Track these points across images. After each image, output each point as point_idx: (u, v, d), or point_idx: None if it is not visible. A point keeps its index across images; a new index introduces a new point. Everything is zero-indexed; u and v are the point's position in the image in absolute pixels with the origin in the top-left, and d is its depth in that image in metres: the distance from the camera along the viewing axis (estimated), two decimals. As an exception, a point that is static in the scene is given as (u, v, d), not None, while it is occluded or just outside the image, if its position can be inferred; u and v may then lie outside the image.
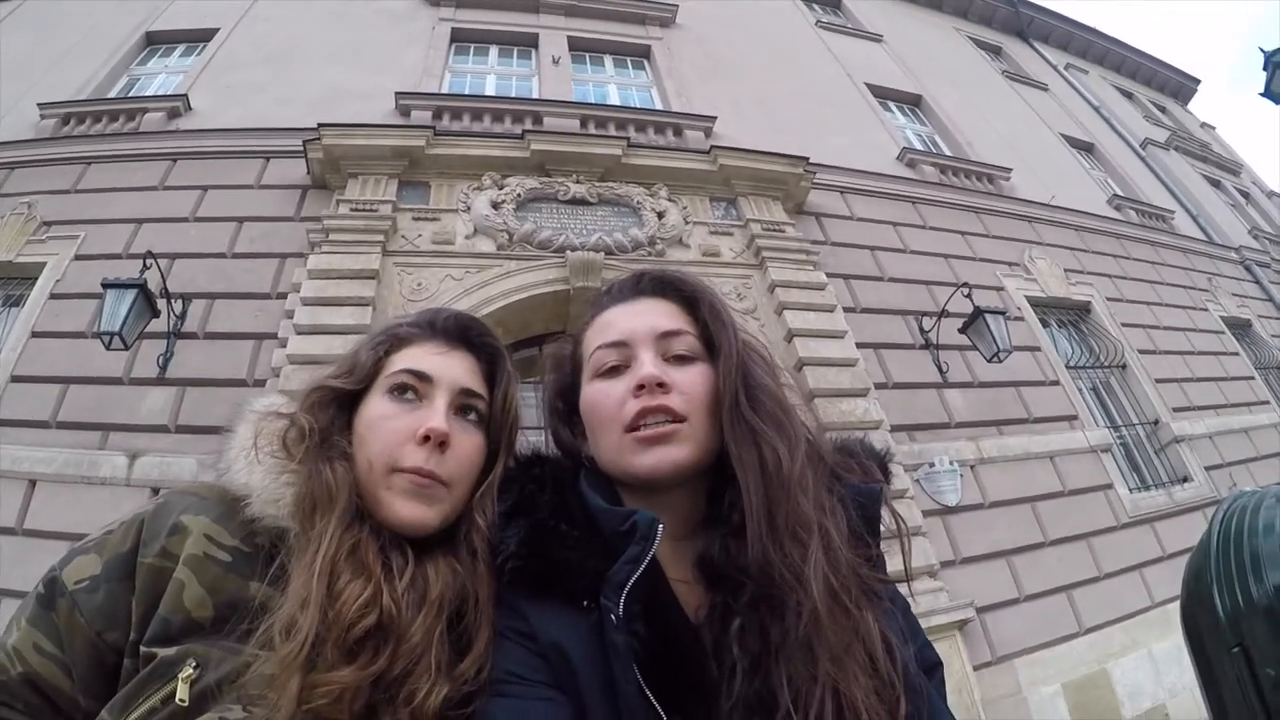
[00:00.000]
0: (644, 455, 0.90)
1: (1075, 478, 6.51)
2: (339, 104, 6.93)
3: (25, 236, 5.92)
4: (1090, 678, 5.41)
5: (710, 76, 9.01)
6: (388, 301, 5.49)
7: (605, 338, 0.99)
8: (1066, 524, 6.13)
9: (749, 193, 7.01)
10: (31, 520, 4.58)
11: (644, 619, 0.81)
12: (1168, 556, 6.39)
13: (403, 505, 0.93)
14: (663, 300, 1.03)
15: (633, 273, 1.10)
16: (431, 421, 0.96)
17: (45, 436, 4.91)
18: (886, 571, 0.96)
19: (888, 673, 0.79)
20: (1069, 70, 15.16)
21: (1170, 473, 7.47)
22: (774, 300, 6.26)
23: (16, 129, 6.88)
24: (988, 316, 6.07)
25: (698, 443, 0.91)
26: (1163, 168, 13.47)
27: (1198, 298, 10.21)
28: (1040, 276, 8.30)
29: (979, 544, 5.66)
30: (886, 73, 11.00)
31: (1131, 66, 17.42)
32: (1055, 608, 5.65)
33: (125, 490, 4.69)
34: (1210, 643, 0.90)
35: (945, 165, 9.16)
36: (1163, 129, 15.44)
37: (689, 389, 0.92)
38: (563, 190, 6.46)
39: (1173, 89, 18.42)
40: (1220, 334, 9.85)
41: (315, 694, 0.76)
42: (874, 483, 1.00)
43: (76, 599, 0.84)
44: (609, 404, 0.94)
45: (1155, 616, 5.91)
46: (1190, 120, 17.84)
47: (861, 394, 5.88)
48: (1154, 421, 7.80)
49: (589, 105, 7.78)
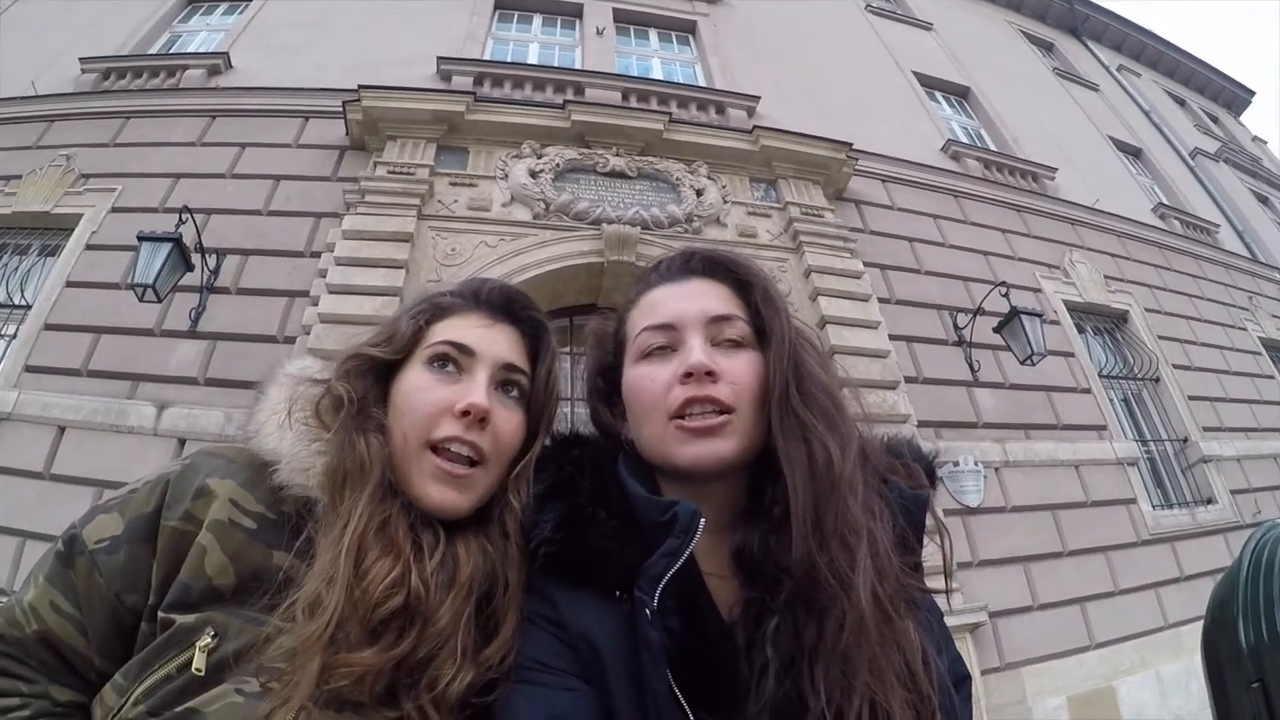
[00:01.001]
0: (688, 447, 0.86)
1: (1099, 489, 6.43)
2: (380, 67, 6.91)
3: (63, 188, 6.01)
4: (1096, 693, 5.37)
5: (755, 56, 8.89)
6: (421, 265, 5.50)
7: (652, 319, 0.95)
8: (1086, 535, 6.05)
9: (789, 175, 6.93)
10: (59, 466, 4.68)
11: (677, 614, 0.79)
12: (1185, 578, 6.30)
13: (434, 489, 0.90)
14: (714, 282, 0.98)
15: (682, 250, 1.05)
16: (472, 396, 0.92)
17: (76, 384, 5.00)
18: (924, 579, 0.92)
19: (925, 686, 0.77)
20: (1121, 72, 14.83)
21: (1195, 493, 7.34)
22: (809, 286, 6.20)
23: (57, 82, 6.96)
24: (1024, 318, 5.98)
25: (744, 436, 0.87)
26: (1211, 179, 13.19)
27: (1237, 316, 9.98)
28: (1079, 281, 8.15)
29: (997, 547, 5.62)
30: (935, 62, 10.82)
31: (1185, 73, 17.02)
32: (1068, 619, 5.60)
33: (152, 440, 4.76)
34: (1230, 674, 0.89)
35: (990, 160, 9.01)
36: (1213, 139, 15.10)
37: (738, 378, 0.88)
38: (602, 162, 6.43)
39: (1226, 99, 17.99)
40: (1258, 355, 9.63)
41: (336, 674, 0.74)
42: (920, 488, 0.96)
43: (96, 559, 0.82)
44: (654, 389, 0.90)
45: (1167, 638, 5.84)
46: (1242, 133, 17.44)
47: (891, 387, 5.83)
48: (1183, 439, 7.65)
49: (632, 78, 7.73)
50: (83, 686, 0.82)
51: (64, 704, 0.80)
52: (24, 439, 4.76)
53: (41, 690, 0.80)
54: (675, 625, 0.78)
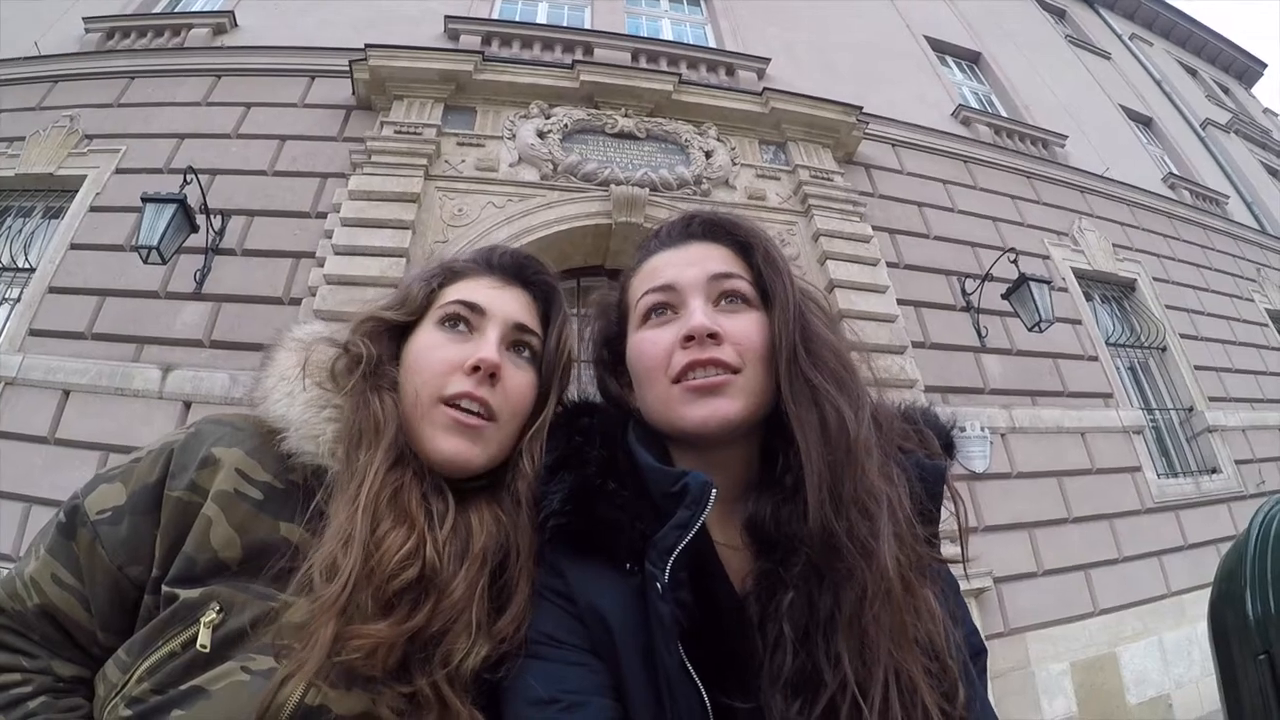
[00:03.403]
0: (692, 408, 0.85)
1: (1105, 457, 6.46)
2: (387, 26, 6.81)
3: (67, 149, 5.96)
4: (1099, 659, 5.43)
5: (766, 18, 8.75)
6: (427, 225, 5.47)
7: (653, 283, 0.94)
8: (1091, 502, 6.09)
9: (799, 138, 6.87)
10: (64, 430, 4.68)
11: (689, 586, 0.78)
12: (1189, 546, 6.36)
13: (445, 440, 0.89)
14: (715, 245, 0.97)
15: (682, 215, 1.04)
16: (482, 351, 0.92)
17: (80, 347, 4.99)
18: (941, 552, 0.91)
19: (945, 657, 0.76)
20: (1133, 40, 14.65)
21: (1200, 462, 7.39)
22: (817, 249, 6.18)
23: (61, 42, 6.88)
24: (1032, 285, 5.97)
25: (751, 395, 0.85)
26: (1221, 150, 13.10)
27: (1245, 287, 9.97)
28: (1088, 249, 8.12)
29: (1002, 513, 5.64)
30: (947, 27, 10.67)
31: (1198, 43, 16.85)
32: (1072, 586, 5.65)
33: (158, 403, 4.77)
34: (1236, 645, 0.90)
35: (1000, 126, 8.93)
36: (1224, 110, 14.97)
37: (742, 338, 0.87)
38: (610, 123, 6.37)
39: (1238, 70, 17.81)
40: (1264, 326, 9.64)
41: (348, 646, 0.73)
42: (937, 457, 0.94)
43: (98, 530, 0.81)
44: (655, 353, 0.89)
45: (1170, 606, 5.90)
46: (1253, 104, 17.31)
47: (899, 351, 5.83)
48: (1189, 408, 7.68)
49: (641, 39, 7.64)
50: (85, 661, 0.81)
51: (67, 679, 0.79)
52: (29, 403, 4.76)
53: (44, 665, 0.79)
54: (687, 598, 0.77)
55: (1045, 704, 5.07)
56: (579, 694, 0.77)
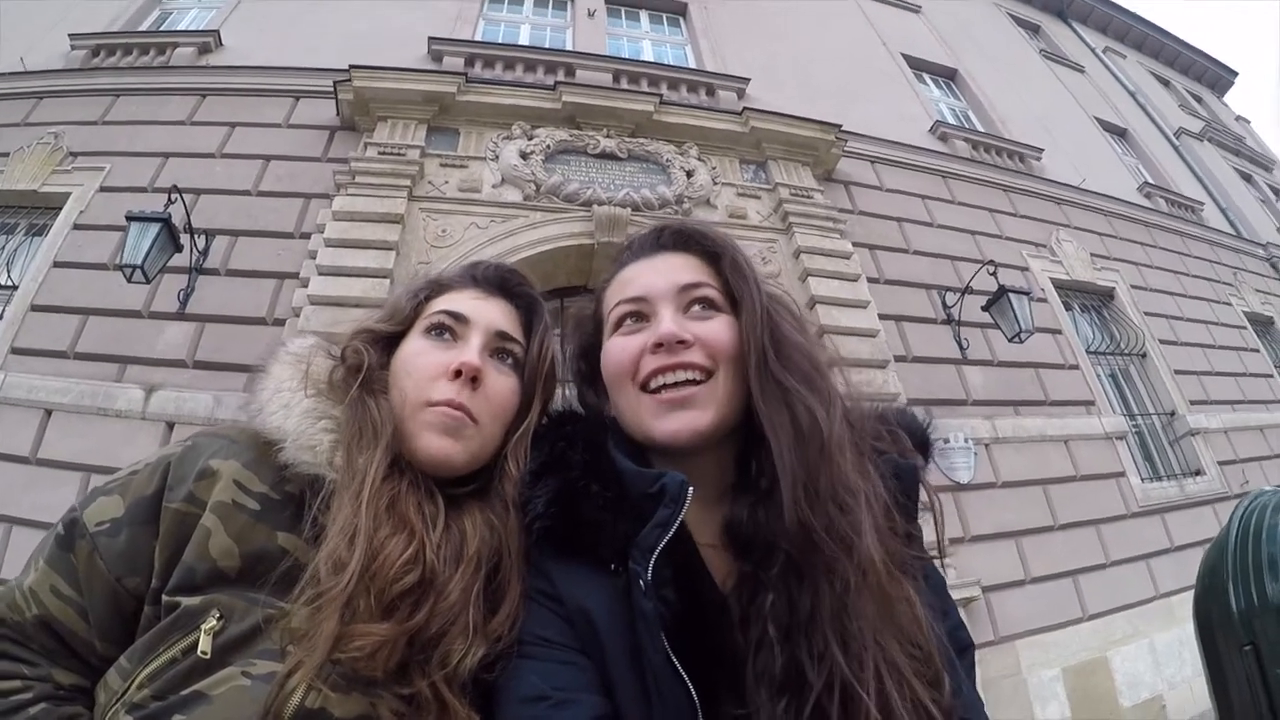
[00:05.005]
0: (664, 420, 0.87)
1: (1088, 463, 6.50)
2: (371, 47, 6.81)
3: (51, 166, 5.91)
4: (1090, 664, 5.44)
5: (746, 38, 8.85)
6: (411, 246, 5.46)
7: (625, 294, 0.97)
8: (1076, 509, 6.12)
9: (779, 157, 6.93)
10: (45, 450, 4.61)
11: (673, 585, 0.80)
12: (1175, 549, 6.40)
13: (430, 438, 0.92)
14: (684, 254, 1.00)
15: (653, 227, 1.07)
16: (464, 356, 0.96)
17: (63, 366, 4.93)
18: (923, 549, 0.93)
19: (927, 646, 0.78)
20: (1107, 53, 14.89)
21: (1183, 465, 7.45)
22: (799, 266, 6.21)
23: (47, 58, 6.84)
24: (1011, 296, 6.02)
25: (720, 403, 0.88)
26: (1195, 158, 13.31)
27: (1222, 291, 10.11)
28: (1066, 259, 8.22)
29: (988, 523, 5.66)
30: (923, 44, 10.82)
31: (1170, 54, 17.13)
32: (1060, 592, 5.67)
33: (140, 424, 4.71)
34: (1222, 638, 0.91)
35: (977, 141, 9.04)
36: (1197, 119, 15.21)
37: (712, 339, 0.90)
38: (592, 144, 6.40)
39: (1210, 79, 18.13)
40: (1242, 329, 9.78)
41: (350, 645, 0.75)
42: (910, 456, 0.96)
43: (97, 542, 0.82)
44: (624, 359, 0.92)
45: (1158, 608, 5.93)
46: (1225, 113, 17.58)
47: (881, 366, 5.85)
48: (1170, 413, 7.76)
49: (623, 60, 7.70)
50: (85, 670, 0.82)
51: (67, 687, 0.80)
52: (10, 422, 4.69)
53: (44, 673, 0.79)
54: (670, 596, 0.78)
55: (1038, 710, 5.06)
56: (569, 691, 0.78)
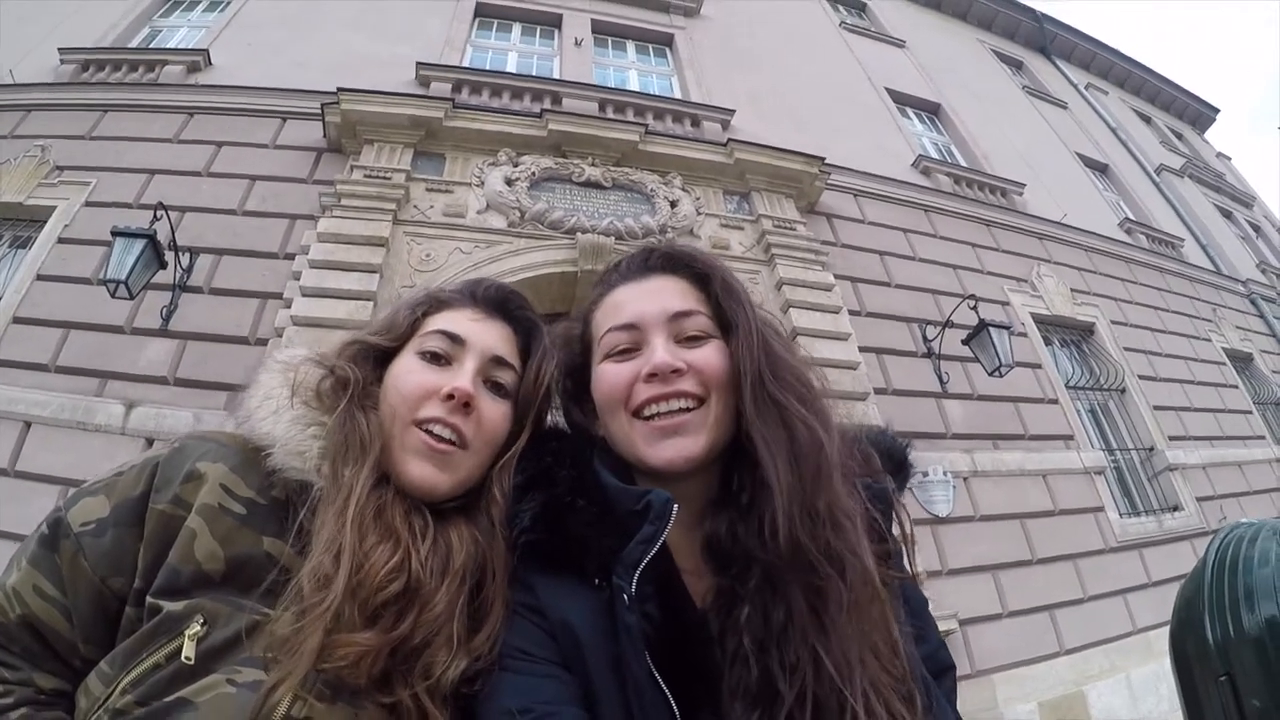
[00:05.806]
0: (658, 448, 0.88)
1: (1067, 498, 6.52)
2: (359, 70, 6.87)
3: (37, 179, 5.91)
4: (1067, 698, 5.42)
5: (731, 69, 8.97)
6: (395, 270, 5.48)
7: (616, 320, 0.97)
8: (1055, 543, 6.13)
9: (763, 188, 6.99)
10: (24, 462, 4.59)
11: (655, 601, 0.81)
12: (1153, 584, 6.40)
13: (414, 465, 0.92)
14: (673, 278, 0.99)
15: (641, 248, 1.07)
16: (457, 381, 0.95)
17: (44, 380, 4.91)
18: (902, 567, 0.94)
19: (903, 668, 0.79)
20: (1089, 90, 15.12)
21: (1161, 500, 7.48)
22: (780, 298, 6.25)
23: (36, 71, 6.85)
24: (992, 330, 6.05)
25: (711, 429, 0.88)
26: (1176, 194, 13.47)
27: (1201, 327, 10.21)
28: (1046, 294, 8.29)
29: (966, 556, 5.66)
30: (907, 79, 10.96)
31: (1151, 91, 17.41)
32: (1037, 626, 5.66)
33: (120, 438, 4.69)
34: (1198, 670, 0.90)
35: (960, 176, 9.14)
36: (1178, 155, 15.44)
37: (705, 366, 0.90)
38: (577, 172, 6.46)
39: (1191, 116, 18.41)
40: (1221, 365, 9.85)
41: (335, 654, 0.75)
42: (879, 477, 0.98)
43: (81, 542, 0.81)
44: (618, 386, 0.92)
45: (1136, 643, 5.92)
46: (1206, 149, 17.85)
47: (861, 398, 5.87)
48: (1149, 448, 7.80)
49: (609, 89, 7.78)
50: (67, 673, 0.80)
51: (48, 691, 0.79)
52: (-11, 433, 4.66)
53: (25, 677, 0.78)
54: (653, 611, 0.79)
55: (1014, 744, 5.04)
56: (551, 704, 0.78)
